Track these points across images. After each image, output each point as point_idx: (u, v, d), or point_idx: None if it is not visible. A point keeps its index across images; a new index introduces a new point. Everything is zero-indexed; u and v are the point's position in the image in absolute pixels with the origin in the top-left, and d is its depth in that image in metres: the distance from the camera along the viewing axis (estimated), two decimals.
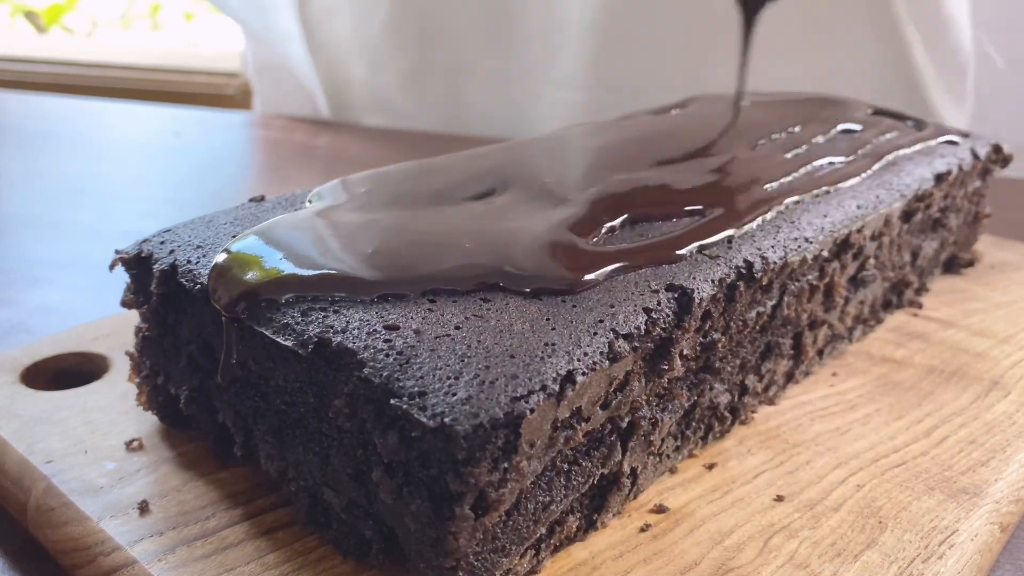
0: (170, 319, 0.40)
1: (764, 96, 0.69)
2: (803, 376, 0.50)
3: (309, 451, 0.35)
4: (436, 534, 0.30)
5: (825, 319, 0.49)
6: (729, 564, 0.35)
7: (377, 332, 0.32)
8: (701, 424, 0.42)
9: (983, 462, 0.42)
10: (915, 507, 0.39)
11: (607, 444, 0.36)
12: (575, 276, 0.36)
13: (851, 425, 0.45)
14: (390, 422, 0.30)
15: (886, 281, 0.55)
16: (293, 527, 0.36)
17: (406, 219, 0.42)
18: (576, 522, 0.36)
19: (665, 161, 0.51)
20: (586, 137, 0.57)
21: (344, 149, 1.05)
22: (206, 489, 0.38)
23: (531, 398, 0.30)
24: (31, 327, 0.59)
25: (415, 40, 1.08)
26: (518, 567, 0.33)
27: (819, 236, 0.45)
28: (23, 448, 0.40)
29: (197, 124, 1.15)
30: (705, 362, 0.40)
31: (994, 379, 0.50)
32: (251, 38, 1.21)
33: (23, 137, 1.07)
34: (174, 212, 0.78)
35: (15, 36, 1.98)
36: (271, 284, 0.35)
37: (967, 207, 0.64)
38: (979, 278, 0.64)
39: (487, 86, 1.09)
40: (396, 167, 0.49)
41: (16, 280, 0.66)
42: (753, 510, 0.39)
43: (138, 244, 0.41)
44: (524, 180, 0.47)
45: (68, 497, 0.37)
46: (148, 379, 0.42)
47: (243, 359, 0.36)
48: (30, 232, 0.76)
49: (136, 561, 0.34)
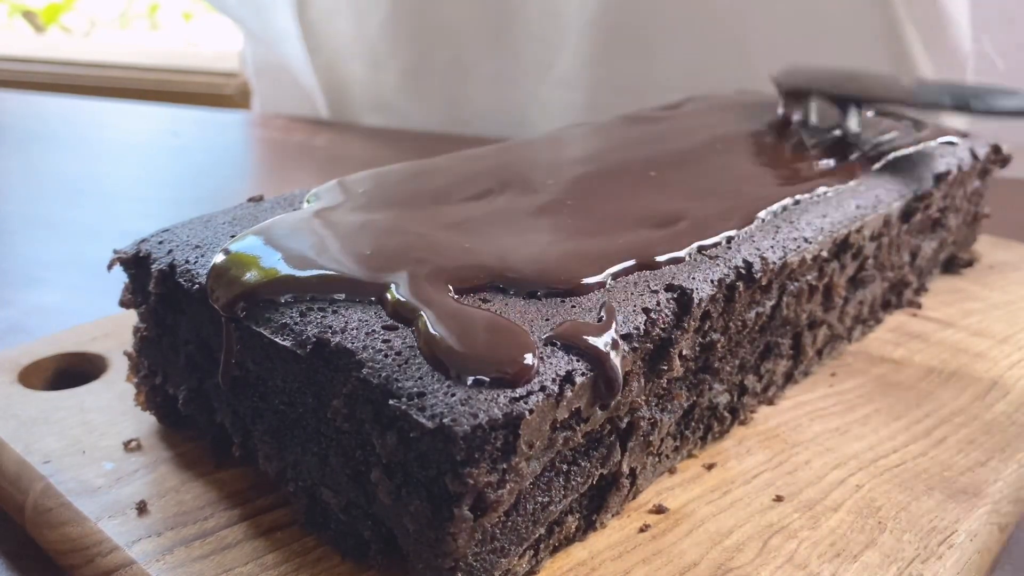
0: (168, 319, 0.40)
1: (763, 96, 0.69)
2: (802, 376, 0.50)
3: (308, 451, 0.35)
4: (435, 535, 0.30)
5: (824, 319, 0.49)
6: (728, 564, 0.35)
7: (376, 332, 0.32)
8: (700, 424, 0.42)
9: (982, 462, 0.42)
10: (914, 507, 0.39)
11: (606, 444, 0.36)
12: (575, 277, 0.36)
13: (850, 425, 0.45)
14: (389, 423, 0.30)
15: (885, 281, 0.55)
16: (292, 527, 0.36)
17: (405, 220, 0.41)
18: (575, 522, 0.36)
19: (665, 161, 0.51)
20: (585, 138, 0.57)
21: (343, 149, 1.05)
22: (204, 489, 0.38)
23: (530, 399, 0.30)
24: (29, 327, 0.59)
25: (414, 40, 1.08)
26: (517, 567, 0.33)
27: (818, 236, 0.45)
28: (21, 448, 0.40)
29: (196, 124, 1.15)
30: (704, 362, 0.40)
31: (993, 379, 0.50)
32: (250, 38, 1.21)
33: (21, 137, 1.07)
34: (172, 212, 0.78)
35: (13, 35, 1.98)
36: (270, 284, 0.35)
37: (966, 207, 0.64)
38: (978, 278, 0.64)
39: (486, 86, 1.09)
40: (394, 167, 0.49)
41: (14, 280, 0.66)
42: (752, 510, 0.38)
43: (136, 244, 0.41)
44: (523, 181, 0.47)
45: (66, 497, 0.37)
46: (146, 379, 0.42)
47: (242, 359, 0.36)
48: (28, 232, 0.76)
49: (134, 561, 0.34)
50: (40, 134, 1.07)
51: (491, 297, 0.35)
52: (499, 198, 0.45)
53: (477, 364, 0.30)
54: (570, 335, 0.32)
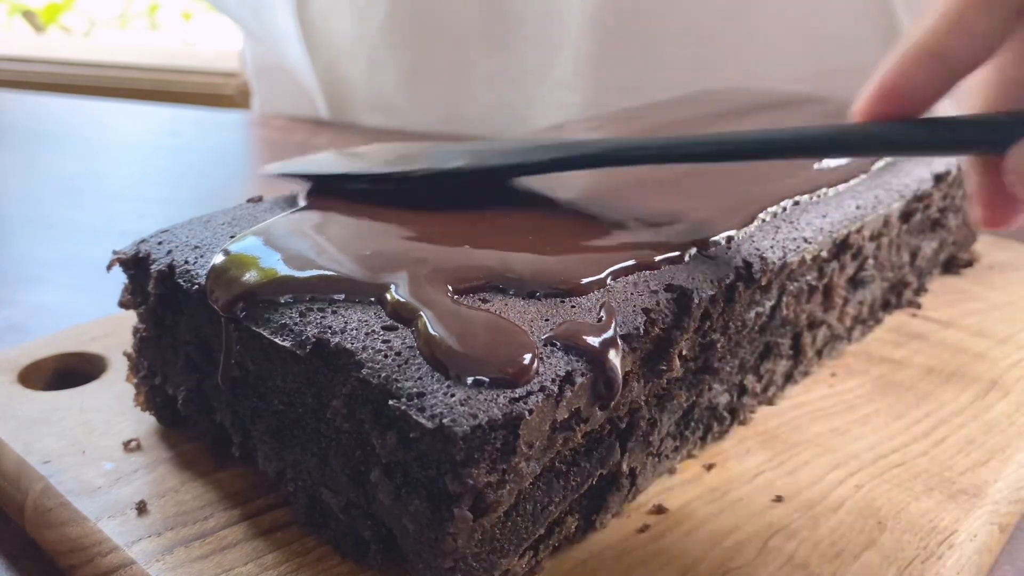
0: (168, 319, 0.40)
1: (761, 95, 0.68)
2: (802, 376, 0.50)
3: (307, 452, 0.35)
4: (434, 535, 0.30)
5: (824, 319, 0.49)
6: (728, 565, 0.35)
7: (375, 333, 0.32)
8: (700, 425, 0.42)
9: (982, 462, 0.42)
10: (914, 508, 0.39)
11: (606, 445, 0.36)
12: (574, 277, 0.36)
13: (850, 425, 0.45)
14: (388, 423, 0.30)
15: (885, 281, 0.55)
16: (291, 527, 0.36)
17: (404, 220, 0.41)
18: (575, 523, 0.36)
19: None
20: (584, 134, 0.57)
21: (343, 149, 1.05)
22: (204, 489, 0.38)
23: (530, 399, 0.30)
24: (28, 327, 0.58)
25: (414, 40, 1.08)
26: (516, 568, 0.33)
27: (818, 236, 0.45)
28: (20, 448, 0.40)
29: (195, 124, 1.15)
30: (704, 362, 0.40)
31: (993, 379, 0.50)
32: (249, 38, 1.20)
33: (20, 137, 1.07)
34: (172, 212, 0.78)
35: (13, 35, 1.98)
36: (269, 285, 0.35)
37: (966, 207, 0.64)
38: (978, 278, 0.64)
39: (486, 86, 1.09)
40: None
41: (13, 280, 0.66)
42: (752, 511, 0.38)
43: (135, 244, 0.41)
44: (525, 182, 0.47)
45: (66, 497, 0.37)
46: (146, 379, 0.42)
47: (241, 360, 0.36)
48: (27, 232, 0.76)
49: (134, 561, 0.34)
50: (39, 134, 1.07)
51: (491, 297, 0.35)
52: (498, 198, 0.45)
53: (477, 364, 0.30)
54: (570, 335, 0.32)
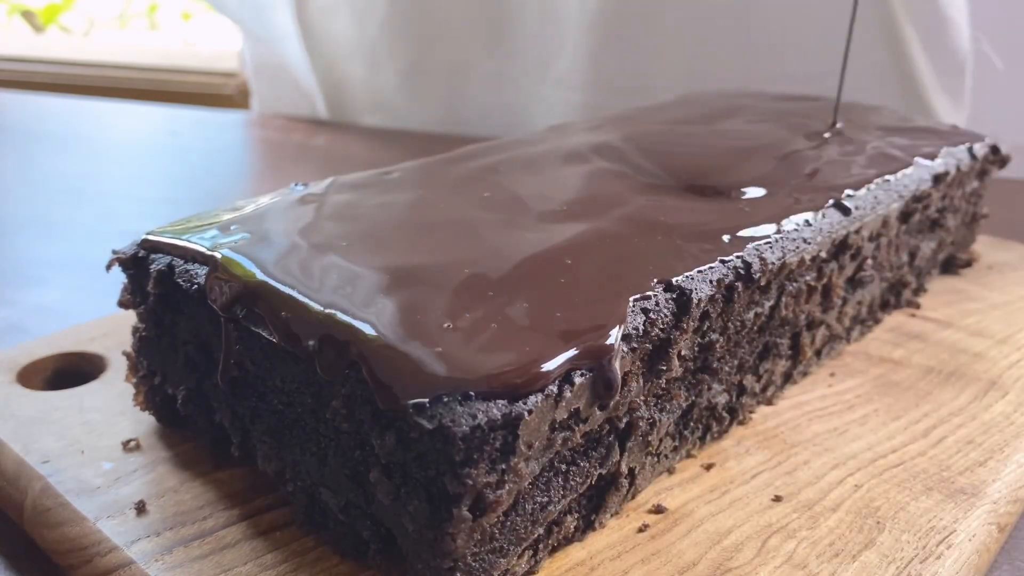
0: (167, 319, 0.40)
1: (760, 95, 0.69)
2: (801, 376, 0.50)
3: (307, 452, 0.35)
4: (434, 535, 0.30)
5: (823, 319, 0.49)
6: (727, 564, 0.35)
7: None
8: (699, 424, 0.42)
9: (981, 462, 0.42)
10: (913, 507, 0.39)
11: (605, 445, 0.36)
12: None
13: (849, 425, 0.45)
14: (388, 423, 0.30)
15: (884, 282, 0.55)
16: (291, 527, 0.36)
17: (404, 220, 0.41)
18: (574, 522, 0.36)
19: (664, 160, 0.51)
20: (583, 136, 0.57)
21: (342, 149, 1.05)
22: (203, 489, 0.38)
23: (529, 399, 0.30)
24: (28, 327, 0.58)
25: (413, 40, 1.08)
26: (516, 567, 0.33)
27: (817, 237, 0.45)
28: (19, 448, 0.40)
29: (195, 124, 1.15)
30: (703, 362, 0.40)
31: (992, 379, 0.50)
32: (249, 38, 1.20)
33: (20, 137, 1.07)
34: (171, 212, 0.78)
35: (12, 35, 1.98)
36: (268, 284, 0.35)
37: (965, 208, 0.64)
38: (977, 278, 0.64)
39: (486, 86, 1.09)
40: (391, 167, 0.49)
41: (13, 280, 0.66)
42: (751, 510, 0.38)
43: (135, 244, 0.41)
44: (517, 182, 0.47)
45: (65, 497, 0.37)
46: (145, 379, 0.42)
47: (240, 360, 0.36)
48: (27, 232, 0.76)
49: (133, 561, 0.34)
50: (39, 134, 1.07)
51: (491, 298, 0.35)
52: (499, 201, 0.45)
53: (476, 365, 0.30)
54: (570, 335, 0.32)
